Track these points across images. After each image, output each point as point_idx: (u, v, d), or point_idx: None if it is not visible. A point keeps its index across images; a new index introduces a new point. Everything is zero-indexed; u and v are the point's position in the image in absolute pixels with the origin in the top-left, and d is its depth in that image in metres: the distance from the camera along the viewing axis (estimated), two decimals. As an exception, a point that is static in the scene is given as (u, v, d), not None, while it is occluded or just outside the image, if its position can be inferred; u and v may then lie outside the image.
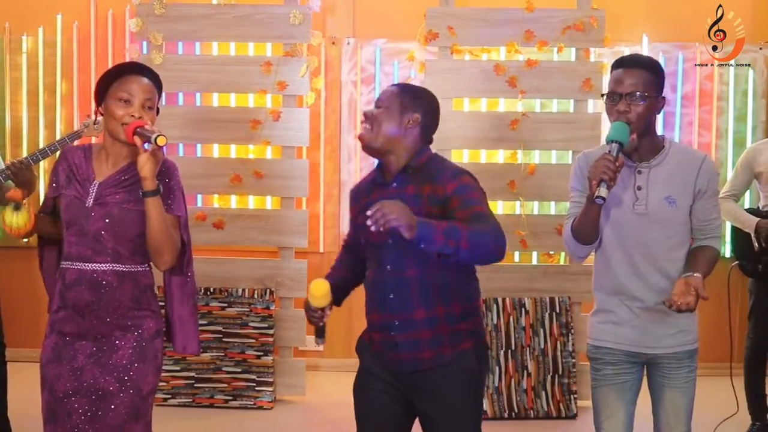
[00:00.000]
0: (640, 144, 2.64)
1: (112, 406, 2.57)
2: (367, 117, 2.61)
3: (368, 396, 2.65)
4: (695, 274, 2.58)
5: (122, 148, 2.60)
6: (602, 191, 2.44)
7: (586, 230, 2.62)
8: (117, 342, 2.59)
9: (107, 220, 2.57)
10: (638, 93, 2.59)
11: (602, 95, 2.70)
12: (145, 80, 2.60)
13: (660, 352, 2.71)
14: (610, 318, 2.73)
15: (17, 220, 2.66)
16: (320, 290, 2.58)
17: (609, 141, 2.54)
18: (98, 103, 2.64)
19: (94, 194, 2.59)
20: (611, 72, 2.67)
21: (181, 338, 2.77)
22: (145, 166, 2.48)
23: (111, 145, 2.63)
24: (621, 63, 2.66)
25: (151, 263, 2.66)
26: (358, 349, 2.73)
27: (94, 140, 4.14)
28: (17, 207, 2.65)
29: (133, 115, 2.55)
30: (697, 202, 2.68)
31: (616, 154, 2.50)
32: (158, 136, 2.45)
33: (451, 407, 2.56)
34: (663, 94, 2.68)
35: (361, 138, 2.61)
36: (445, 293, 2.56)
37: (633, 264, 2.67)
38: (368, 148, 2.61)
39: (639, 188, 2.66)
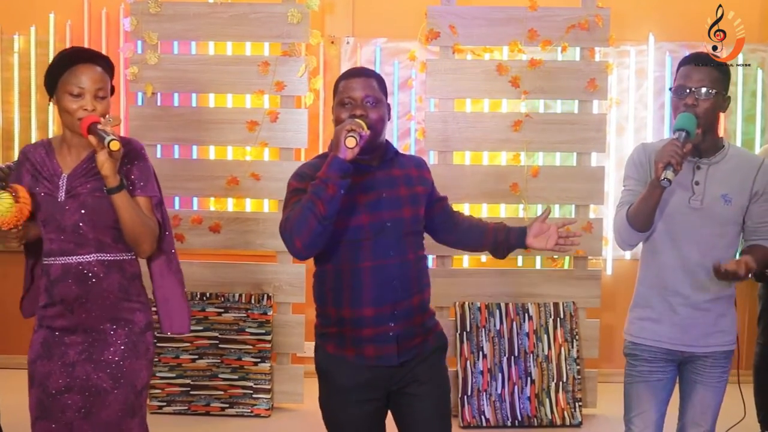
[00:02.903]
0: (703, 140, 2.67)
1: (107, 403, 2.56)
2: (364, 116, 2.47)
3: (345, 412, 2.57)
4: (748, 256, 2.63)
5: (82, 139, 2.55)
6: (669, 174, 2.48)
7: (644, 215, 2.65)
8: (108, 338, 2.57)
9: (83, 211, 2.54)
10: (705, 89, 2.63)
11: (669, 89, 2.74)
12: (95, 68, 2.54)
13: (698, 351, 2.75)
14: (649, 314, 2.78)
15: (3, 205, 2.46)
16: None
17: (676, 129, 2.59)
18: (49, 94, 2.57)
19: (64, 187, 2.56)
20: (679, 68, 2.73)
21: (167, 318, 2.74)
22: (105, 165, 2.44)
23: (71, 137, 2.59)
24: (690, 59, 2.72)
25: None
26: (323, 366, 2.60)
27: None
28: None
29: (86, 109, 2.49)
30: (754, 204, 2.74)
31: (683, 141, 2.54)
32: (111, 140, 2.38)
33: (435, 384, 2.61)
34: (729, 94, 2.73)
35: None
36: (425, 275, 2.65)
37: (681, 258, 2.71)
38: (364, 147, 2.44)
39: (696, 183, 2.70)
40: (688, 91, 2.65)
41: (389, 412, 2.68)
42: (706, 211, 2.69)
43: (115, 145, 2.38)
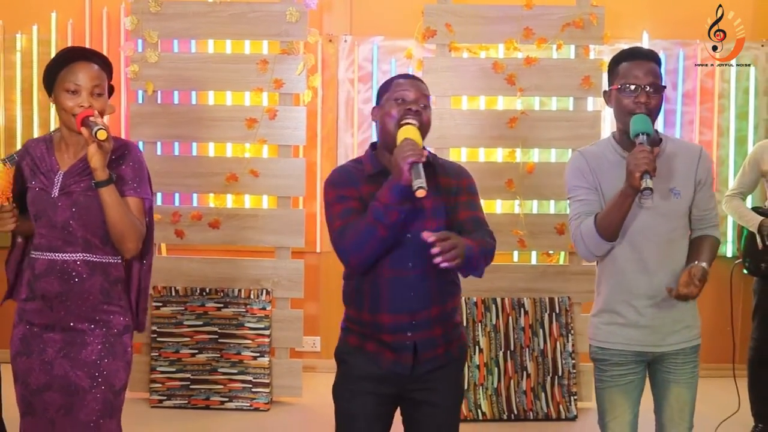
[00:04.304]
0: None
1: (85, 402, 2.57)
2: (419, 113, 2.50)
3: (354, 401, 2.58)
4: (699, 264, 2.63)
5: (79, 137, 2.58)
6: (649, 182, 2.45)
7: (616, 224, 2.60)
8: (86, 337, 2.59)
9: (74, 209, 2.56)
10: (655, 84, 2.62)
11: (618, 88, 2.67)
12: (93, 66, 2.57)
13: (667, 349, 2.74)
14: (615, 319, 2.74)
15: None
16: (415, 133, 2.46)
17: (637, 134, 2.55)
18: (48, 92, 2.61)
19: (59, 185, 2.58)
20: (621, 63, 2.68)
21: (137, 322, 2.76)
22: (94, 158, 2.46)
23: (68, 135, 2.62)
24: (634, 55, 2.68)
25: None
26: (342, 354, 2.63)
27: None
28: None
29: (82, 105, 2.52)
30: (698, 193, 2.73)
31: (648, 144, 2.52)
32: (98, 129, 2.41)
33: (450, 394, 2.62)
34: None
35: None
36: (451, 287, 2.61)
37: (641, 260, 2.68)
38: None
39: None
40: (639, 88, 2.61)
41: (396, 417, 2.68)
42: (659, 208, 2.66)
43: (102, 135, 2.40)
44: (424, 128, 2.50)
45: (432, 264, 2.42)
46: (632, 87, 2.62)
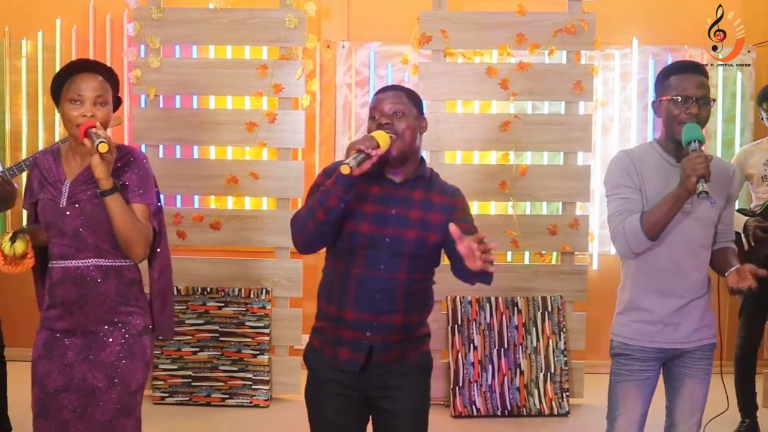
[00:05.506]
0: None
1: (101, 403, 2.61)
2: (390, 125, 2.56)
3: (325, 403, 2.62)
4: (740, 266, 2.74)
5: (86, 147, 2.59)
6: (705, 186, 2.57)
7: (662, 225, 2.69)
8: (105, 339, 2.63)
9: (83, 218, 2.60)
10: (706, 97, 2.73)
11: (667, 98, 2.76)
12: (95, 77, 2.60)
13: (689, 346, 2.83)
14: (643, 316, 2.83)
15: (15, 248, 2.59)
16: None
17: (690, 141, 2.65)
18: (56, 104, 2.66)
19: (66, 194, 2.63)
20: (671, 76, 2.78)
21: (156, 326, 2.79)
22: (98, 168, 2.50)
23: (75, 144, 2.65)
24: (685, 68, 2.79)
25: None
26: (307, 358, 2.68)
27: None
28: (14, 236, 2.60)
29: (85, 115, 2.56)
30: (727, 208, 2.87)
31: (700, 150, 2.63)
32: (100, 142, 2.46)
33: (411, 403, 2.63)
34: None
35: (394, 147, 2.53)
36: (423, 300, 2.65)
37: (676, 261, 2.78)
38: (395, 158, 2.56)
39: None
40: (691, 100, 2.70)
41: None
42: (695, 213, 2.76)
43: (104, 147, 2.45)
44: (400, 137, 2.56)
45: (404, 272, 2.53)
46: (684, 99, 2.72)
